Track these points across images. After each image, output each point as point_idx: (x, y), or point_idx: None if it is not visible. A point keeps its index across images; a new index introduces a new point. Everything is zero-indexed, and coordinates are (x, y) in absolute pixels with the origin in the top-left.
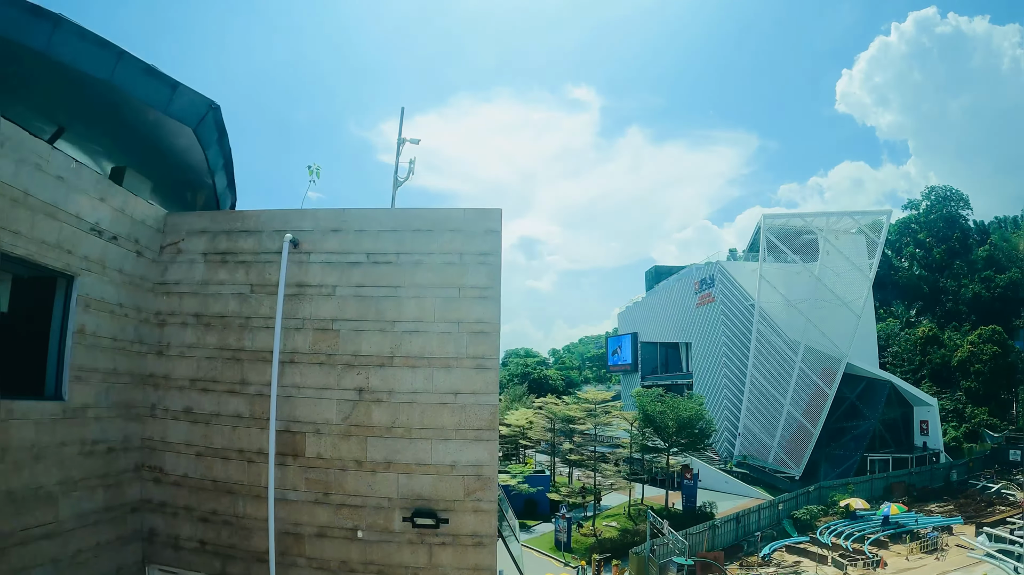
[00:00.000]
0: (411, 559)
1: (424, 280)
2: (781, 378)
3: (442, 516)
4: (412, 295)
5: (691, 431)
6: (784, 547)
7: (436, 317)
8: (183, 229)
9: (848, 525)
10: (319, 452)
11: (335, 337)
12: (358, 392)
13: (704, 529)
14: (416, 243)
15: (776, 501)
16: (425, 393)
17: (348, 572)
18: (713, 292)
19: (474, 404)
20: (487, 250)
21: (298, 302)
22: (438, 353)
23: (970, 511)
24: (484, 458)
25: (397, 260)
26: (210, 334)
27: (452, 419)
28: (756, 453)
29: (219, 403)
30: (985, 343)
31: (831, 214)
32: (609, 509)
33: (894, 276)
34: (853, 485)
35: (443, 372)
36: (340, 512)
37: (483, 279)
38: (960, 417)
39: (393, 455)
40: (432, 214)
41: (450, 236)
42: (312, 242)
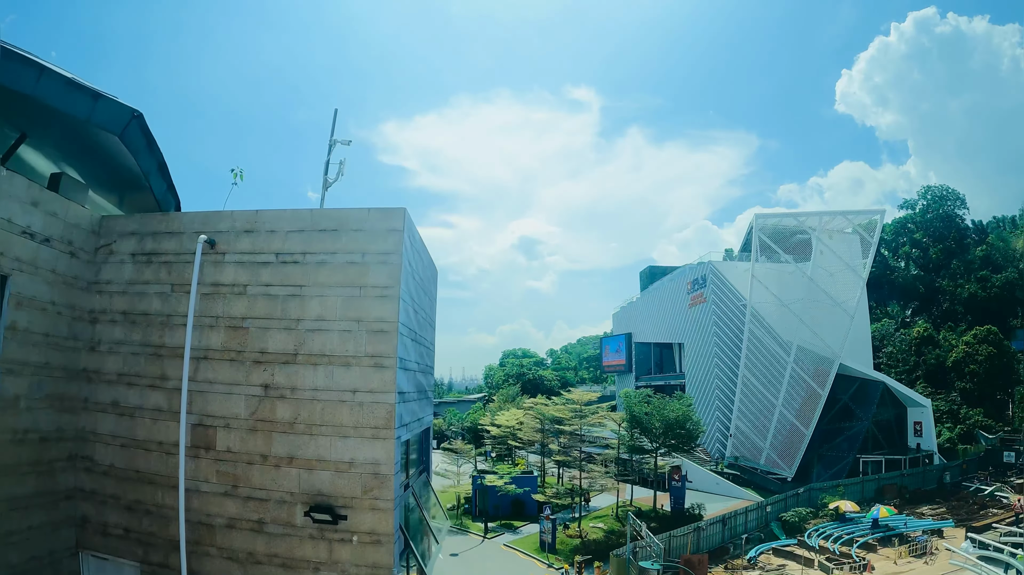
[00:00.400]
0: (312, 554)
1: (328, 279)
2: (773, 379)
3: (341, 513)
4: (316, 294)
5: (678, 432)
6: (771, 550)
7: (338, 316)
8: (115, 231)
9: (837, 528)
10: (229, 446)
11: (245, 335)
12: (264, 388)
13: (689, 531)
14: (322, 243)
15: (764, 503)
16: (326, 390)
17: (255, 563)
18: (705, 292)
19: (372, 402)
20: (389, 250)
21: (213, 301)
22: (338, 351)
23: (962, 514)
24: (381, 456)
25: (303, 260)
26: (135, 331)
27: (351, 417)
28: (748, 454)
29: (142, 397)
30: (980, 343)
31: (824, 213)
32: (598, 510)
33: (890, 276)
34: (844, 487)
35: (343, 370)
36: (247, 505)
37: (384, 278)
38: (955, 418)
39: (295, 450)
40: (338, 214)
41: (353, 236)
42: (227, 243)
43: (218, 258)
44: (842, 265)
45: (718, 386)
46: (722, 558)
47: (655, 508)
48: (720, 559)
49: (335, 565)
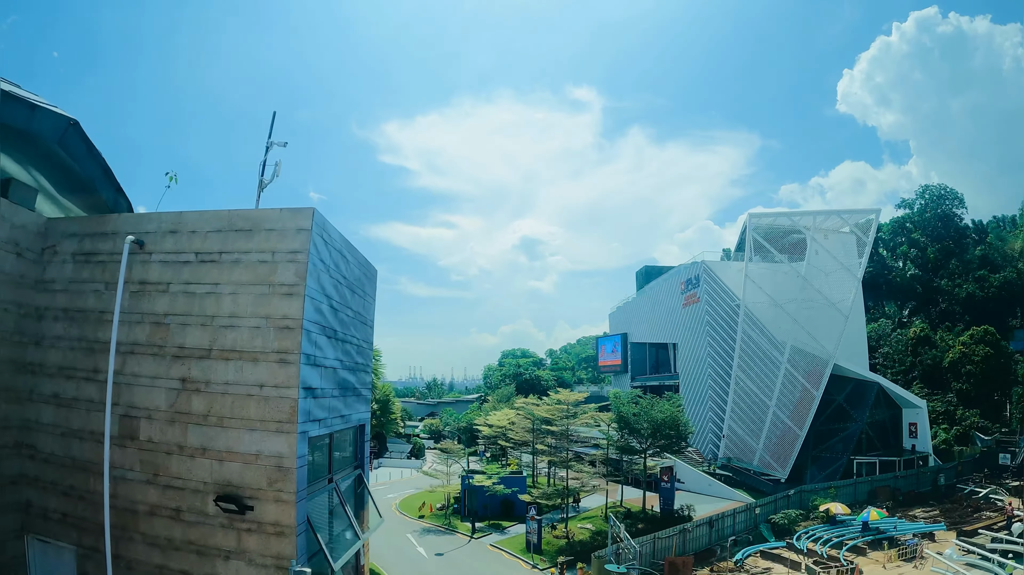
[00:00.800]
0: (223, 542)
1: (241, 277)
2: (767, 379)
3: (247, 503)
4: (230, 292)
5: (667, 433)
6: (759, 552)
7: (248, 313)
8: (59, 233)
9: (827, 530)
10: (151, 436)
11: (167, 330)
12: (182, 382)
13: (674, 533)
14: (237, 243)
15: (753, 505)
16: (236, 384)
17: (173, 550)
18: (698, 292)
19: (277, 397)
20: (297, 248)
21: (140, 298)
22: (248, 347)
23: (955, 517)
24: (284, 450)
25: (220, 259)
26: (74, 327)
27: (258, 410)
28: (741, 455)
29: (78, 389)
30: (977, 344)
31: (819, 213)
32: (588, 511)
33: (888, 276)
34: (836, 489)
35: (251, 365)
36: (166, 493)
37: (291, 277)
38: (951, 419)
39: (208, 442)
40: (253, 215)
41: (266, 236)
42: (154, 243)
43: (145, 258)
44: (837, 265)
45: (711, 386)
46: (708, 560)
47: (644, 509)
48: (707, 561)
49: (243, 554)
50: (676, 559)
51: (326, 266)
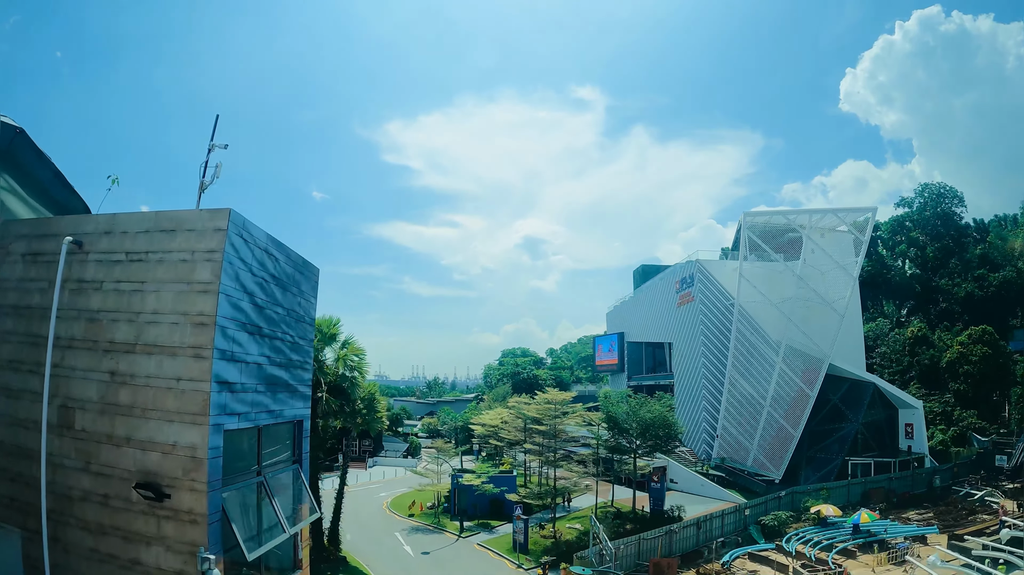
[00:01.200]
0: (145, 528)
1: (164, 276)
2: (761, 379)
3: (165, 491)
4: (153, 289)
5: (655, 433)
6: (747, 554)
7: (169, 309)
8: (12, 234)
9: (818, 532)
10: (84, 426)
11: (99, 326)
12: (111, 375)
13: (660, 534)
14: (162, 243)
15: (743, 506)
16: (157, 378)
17: (103, 535)
18: (692, 291)
19: (192, 390)
20: (213, 247)
21: (77, 296)
22: (167, 342)
23: (949, 519)
24: (198, 441)
25: (146, 258)
26: (21, 323)
27: (175, 403)
28: (735, 455)
29: (24, 381)
30: (975, 344)
31: (815, 211)
32: (579, 511)
33: (887, 275)
34: (829, 490)
35: (170, 359)
36: (98, 480)
37: (207, 275)
38: (948, 420)
39: (133, 432)
40: (177, 216)
41: (187, 236)
42: (92, 243)
43: (83, 257)
44: (833, 264)
45: (705, 386)
46: (695, 562)
47: (634, 509)
48: (693, 563)
49: (163, 540)
50: (661, 561)
51: (247, 265)
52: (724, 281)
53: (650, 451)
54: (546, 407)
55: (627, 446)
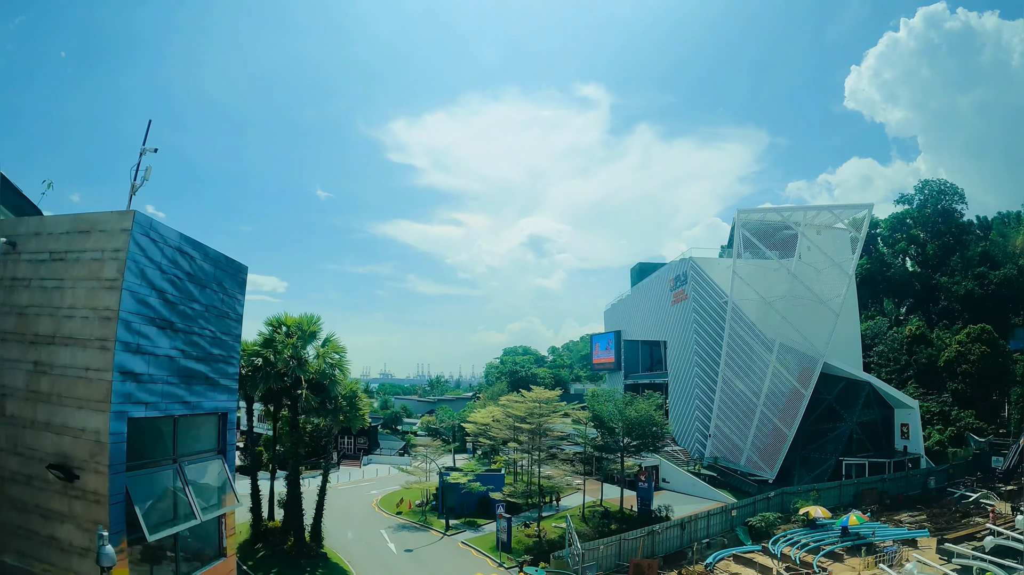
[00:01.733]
0: (60, 507)
1: (79, 273)
2: (755, 378)
3: (75, 472)
4: (71, 286)
5: (641, 432)
6: (732, 556)
7: (82, 304)
8: None
9: (806, 534)
10: (13, 412)
11: (27, 320)
12: (35, 365)
13: (642, 535)
14: (79, 243)
15: (730, 507)
16: (71, 368)
17: (26, 513)
18: (686, 289)
19: (97, 379)
20: (119, 247)
21: (11, 292)
22: (80, 334)
23: (942, 522)
24: (101, 426)
25: (66, 257)
26: None
27: (85, 391)
28: (728, 455)
29: None
30: (973, 342)
31: (810, 208)
32: (568, 510)
33: (886, 273)
34: (819, 491)
35: (82, 351)
36: (22, 462)
37: (113, 272)
38: (946, 420)
39: (51, 417)
40: (92, 218)
41: (99, 236)
42: (24, 244)
43: (16, 257)
44: (829, 261)
45: (698, 384)
46: (679, 563)
47: (622, 509)
48: (677, 564)
49: (74, 518)
50: (641, 561)
51: (155, 263)
52: (718, 279)
53: (637, 450)
54: (532, 405)
55: (614, 445)
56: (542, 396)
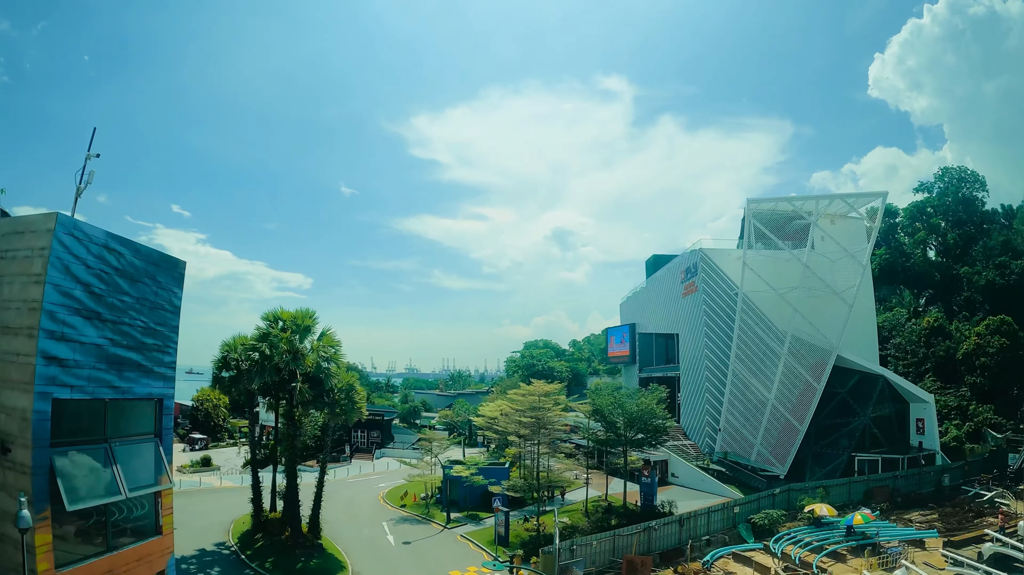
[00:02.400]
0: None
1: (14, 269)
2: (766, 372)
3: (7, 446)
4: (8, 281)
5: (642, 426)
6: (731, 554)
7: (15, 297)
8: None
9: (811, 533)
10: None
11: None
12: None
13: (637, 531)
14: (15, 242)
15: (731, 504)
16: (7, 353)
17: None
18: (696, 281)
19: (24, 363)
20: (43, 245)
21: None
22: (13, 323)
23: (953, 522)
24: (27, 405)
25: (5, 255)
26: None
27: (16, 374)
28: (738, 450)
29: None
30: (993, 335)
31: (822, 197)
32: (572, 504)
33: (906, 263)
34: (827, 489)
35: (14, 337)
36: None
37: (39, 267)
38: (964, 415)
39: None
40: (27, 219)
41: (30, 236)
42: None
43: None
44: (843, 252)
45: (708, 378)
46: (676, 560)
47: (625, 504)
48: (674, 561)
49: (5, 487)
50: (635, 558)
51: (80, 259)
52: (728, 270)
53: (638, 444)
54: (532, 399)
55: (615, 439)
56: (541, 390)
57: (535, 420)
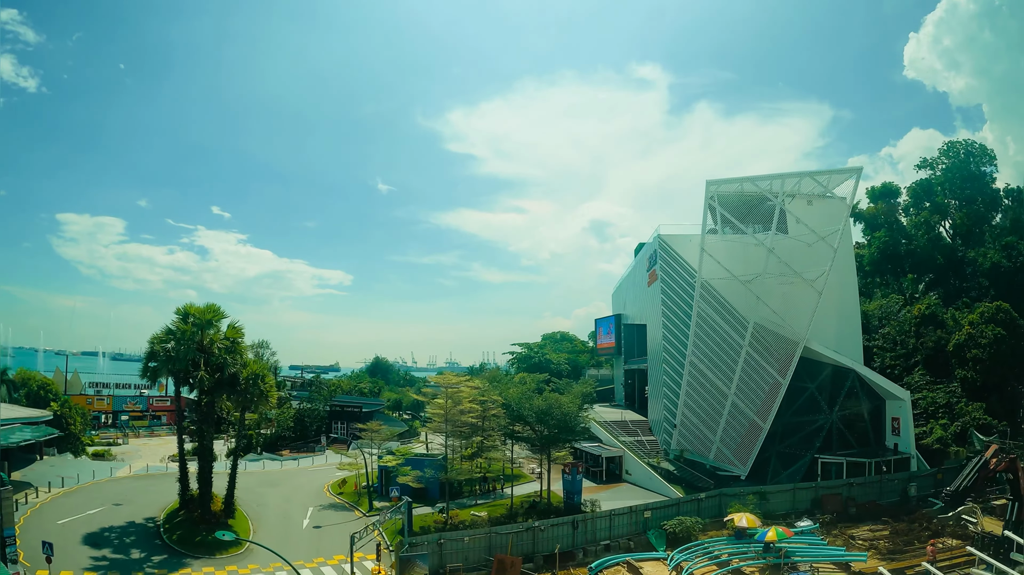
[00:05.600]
0: None
1: None
2: (726, 364)
3: None
4: None
5: (552, 423)
6: (625, 562)
7: None
8: None
9: (728, 545)
10: None
11: None
12: None
13: (518, 530)
14: None
15: (642, 507)
16: None
17: None
18: (657, 269)
19: None
20: None
21: None
22: None
23: (900, 543)
24: None
25: None
26: None
27: None
28: (697, 447)
29: None
30: (987, 323)
31: (789, 176)
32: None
33: (909, 246)
34: (766, 495)
35: None
36: None
37: None
38: (951, 414)
39: None
40: None
41: None
42: None
43: None
44: (816, 235)
45: (666, 371)
46: (565, 564)
47: (548, 501)
48: (562, 564)
49: None
50: (506, 557)
51: None
52: (690, 257)
53: (551, 441)
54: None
55: (531, 434)
56: (449, 381)
57: (445, 411)
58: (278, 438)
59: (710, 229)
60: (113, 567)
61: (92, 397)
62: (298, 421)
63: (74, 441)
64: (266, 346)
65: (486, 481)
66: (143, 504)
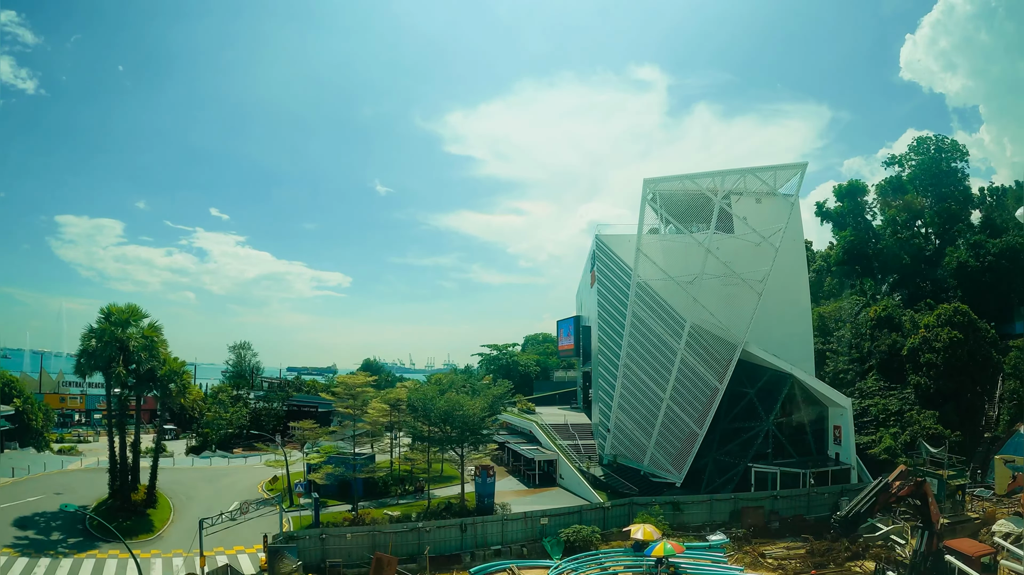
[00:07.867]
0: None
1: None
2: (662, 367)
3: None
4: None
5: (457, 424)
6: (509, 569)
7: None
8: None
9: (623, 557)
10: None
11: None
12: None
13: (401, 530)
14: None
15: (537, 514)
16: None
17: None
18: (595, 270)
19: None
20: None
21: None
22: None
23: (811, 563)
24: None
25: None
26: None
27: None
28: (630, 453)
29: None
30: (943, 326)
31: (729, 173)
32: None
33: (876, 245)
34: (679, 505)
35: None
36: None
37: None
38: (902, 422)
39: None
40: None
41: None
42: None
43: None
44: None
45: (602, 374)
46: (449, 566)
47: (463, 503)
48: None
49: None
50: (383, 556)
51: None
52: (629, 258)
53: (457, 442)
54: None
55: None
56: (357, 381)
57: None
58: (234, 436)
59: (653, 228)
60: (31, 546)
61: (65, 395)
62: (254, 420)
63: (36, 436)
64: (248, 347)
65: (414, 481)
66: (81, 494)
